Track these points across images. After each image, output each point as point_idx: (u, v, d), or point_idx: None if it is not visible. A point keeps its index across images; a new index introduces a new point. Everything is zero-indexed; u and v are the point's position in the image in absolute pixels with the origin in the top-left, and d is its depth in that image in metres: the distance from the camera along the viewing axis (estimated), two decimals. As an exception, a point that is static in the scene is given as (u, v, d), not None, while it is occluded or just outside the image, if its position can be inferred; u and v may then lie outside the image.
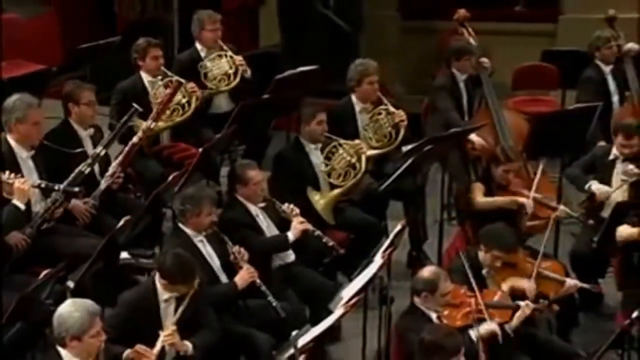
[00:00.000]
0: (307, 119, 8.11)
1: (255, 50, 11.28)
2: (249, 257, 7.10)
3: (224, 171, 8.51)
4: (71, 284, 6.41)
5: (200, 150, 7.80)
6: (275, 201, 7.56)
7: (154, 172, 8.28)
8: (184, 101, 8.50)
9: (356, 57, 9.04)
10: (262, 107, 8.57)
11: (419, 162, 8.06)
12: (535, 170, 8.10)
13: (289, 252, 7.51)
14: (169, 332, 6.29)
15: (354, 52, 10.72)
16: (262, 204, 7.52)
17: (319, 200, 8.01)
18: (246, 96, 8.73)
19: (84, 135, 7.75)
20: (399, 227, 7.15)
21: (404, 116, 8.54)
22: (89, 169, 7.46)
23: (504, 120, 9.11)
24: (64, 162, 7.46)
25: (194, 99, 8.53)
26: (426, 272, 6.70)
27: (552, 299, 7.17)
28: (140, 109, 7.93)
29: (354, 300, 6.53)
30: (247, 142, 8.77)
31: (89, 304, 5.78)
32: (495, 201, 7.79)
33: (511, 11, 11.95)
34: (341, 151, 8.15)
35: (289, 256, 7.51)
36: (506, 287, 7.10)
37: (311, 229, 7.48)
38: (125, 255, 7.16)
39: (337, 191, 8.10)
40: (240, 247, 7.09)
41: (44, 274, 6.39)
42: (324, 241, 7.50)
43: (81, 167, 7.40)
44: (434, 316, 6.64)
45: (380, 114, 8.56)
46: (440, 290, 6.59)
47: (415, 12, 12.07)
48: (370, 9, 11.80)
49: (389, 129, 8.53)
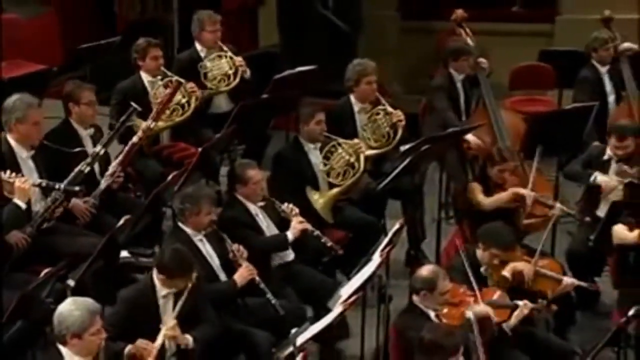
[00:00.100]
0: (306, 118, 8.13)
1: (254, 50, 11.31)
2: (248, 255, 7.10)
3: (224, 170, 8.53)
4: (71, 282, 6.42)
5: (199, 149, 7.80)
6: (274, 201, 7.57)
7: (153, 172, 8.29)
8: (184, 101, 8.51)
9: (355, 57, 9.05)
10: (261, 107, 8.57)
11: (417, 161, 8.06)
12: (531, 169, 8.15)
13: (288, 250, 7.52)
14: (170, 326, 6.32)
15: (353, 52, 10.74)
16: (261, 203, 7.53)
17: (318, 199, 8.03)
18: (245, 96, 8.74)
19: (84, 134, 7.76)
20: (397, 226, 7.17)
21: (402, 116, 8.55)
22: (88, 168, 7.47)
23: (501, 120, 9.10)
24: (64, 162, 7.48)
25: (193, 99, 8.54)
26: (425, 270, 6.71)
27: (551, 297, 7.19)
28: (138, 108, 7.93)
29: (353, 298, 6.55)
30: (247, 142, 8.76)
31: (89, 302, 5.80)
32: (499, 199, 7.79)
33: (508, 12, 11.99)
34: (340, 151, 8.16)
35: (289, 255, 7.53)
36: (508, 272, 7.13)
37: (310, 228, 7.49)
38: (125, 254, 7.20)
39: (336, 190, 8.11)
40: (239, 245, 7.11)
41: (45, 272, 6.41)
42: (323, 241, 7.51)
43: (81, 166, 7.42)
44: (432, 314, 6.65)
45: (378, 114, 8.56)
46: (439, 288, 6.60)
47: (414, 13, 12.10)
48: (369, 9, 11.82)
49: (387, 128, 8.53)
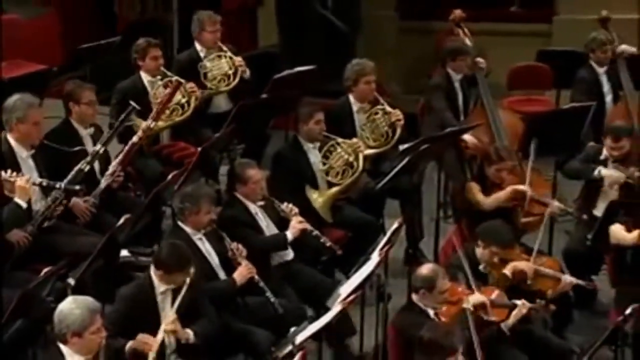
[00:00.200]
0: (305, 118, 8.14)
1: (254, 50, 11.30)
2: (247, 254, 7.11)
3: (223, 170, 8.54)
4: (72, 281, 6.44)
5: (199, 149, 7.82)
6: (274, 200, 7.58)
7: (153, 171, 8.30)
8: (184, 101, 8.51)
9: (354, 57, 9.06)
10: (260, 106, 8.58)
11: (416, 161, 8.08)
12: (532, 168, 8.14)
13: (287, 250, 7.53)
14: (170, 320, 6.34)
15: (352, 52, 10.75)
16: (261, 203, 7.54)
17: (317, 198, 8.04)
18: (245, 96, 8.75)
19: (84, 134, 7.77)
20: (395, 225, 7.19)
21: (401, 115, 8.55)
22: (88, 167, 7.48)
23: (499, 119, 9.13)
24: (64, 161, 7.49)
25: (193, 98, 8.53)
26: (424, 269, 6.73)
27: (550, 297, 7.22)
28: (137, 107, 7.94)
29: (352, 297, 6.56)
30: (246, 141, 8.77)
31: (89, 301, 5.80)
32: (498, 198, 7.82)
33: (507, 12, 12.00)
34: (339, 150, 8.17)
35: (288, 254, 7.54)
36: (508, 270, 7.16)
37: (309, 228, 7.50)
38: (125, 253, 7.21)
39: (335, 189, 8.13)
40: (238, 244, 7.12)
41: (45, 271, 6.42)
42: (322, 241, 7.52)
43: (81, 165, 7.43)
44: (431, 313, 6.67)
45: (377, 113, 8.57)
46: (438, 287, 6.62)
47: (412, 13, 12.10)
48: (368, 9, 11.83)
49: (386, 128, 8.54)
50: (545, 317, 7.35)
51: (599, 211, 7.87)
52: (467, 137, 8.82)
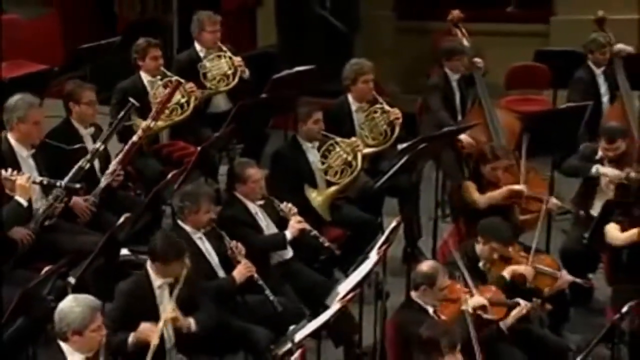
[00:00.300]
0: (304, 117, 8.16)
1: (253, 50, 11.30)
2: (247, 253, 7.12)
3: (223, 169, 8.57)
4: (72, 279, 6.47)
5: (199, 148, 7.84)
6: (273, 200, 7.60)
7: (153, 170, 8.32)
8: (183, 101, 8.52)
9: (352, 57, 9.07)
10: (259, 106, 8.60)
11: (414, 160, 8.09)
12: (528, 167, 8.15)
13: (286, 249, 7.56)
14: (170, 309, 6.37)
15: (350, 52, 10.77)
16: (260, 202, 7.55)
17: (316, 197, 8.06)
18: (244, 96, 8.76)
19: (84, 133, 7.80)
20: (394, 224, 7.21)
21: (399, 114, 8.58)
22: (88, 165, 7.49)
23: (496, 119, 9.15)
24: (64, 160, 7.51)
25: (192, 98, 8.54)
26: (425, 266, 6.77)
27: (547, 295, 7.25)
28: (136, 104, 7.95)
29: (350, 295, 6.59)
30: (245, 141, 8.79)
31: (89, 299, 5.82)
32: (494, 196, 7.85)
33: (504, 12, 12.02)
34: (338, 149, 8.18)
35: (287, 253, 7.56)
36: (507, 273, 7.19)
37: (308, 228, 7.52)
38: (125, 251, 7.18)
39: (334, 188, 8.14)
40: (237, 242, 7.14)
41: (46, 270, 6.44)
42: (321, 241, 7.54)
43: (81, 163, 7.45)
44: (431, 310, 6.69)
45: (375, 112, 8.60)
46: (438, 284, 6.65)
47: (410, 13, 12.12)
48: (366, 9, 11.84)
49: (384, 127, 8.57)
50: (542, 316, 7.38)
51: (596, 211, 7.89)
52: (462, 136, 8.84)
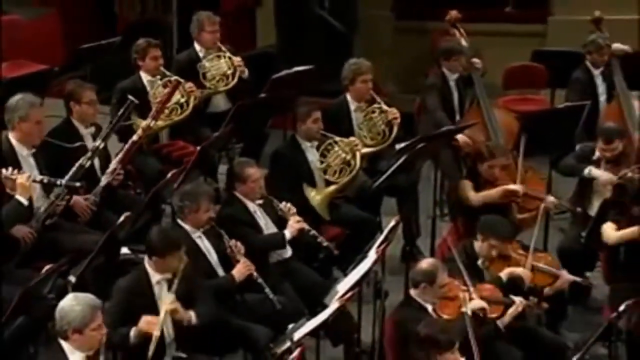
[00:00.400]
0: (303, 117, 8.18)
1: (252, 50, 11.32)
2: (246, 252, 7.14)
3: (222, 168, 8.59)
4: (73, 278, 6.48)
5: (198, 148, 7.86)
6: (272, 199, 7.62)
7: (153, 170, 8.34)
8: (183, 100, 8.53)
9: (351, 57, 9.08)
10: (258, 106, 8.63)
11: (412, 159, 8.14)
12: (525, 167, 8.18)
13: (285, 248, 7.58)
14: (170, 301, 6.40)
15: (349, 52, 10.78)
16: (259, 201, 7.57)
17: (315, 196, 8.08)
18: (243, 96, 8.79)
19: (85, 133, 7.81)
20: (392, 223, 7.24)
21: (397, 114, 8.60)
22: (89, 163, 7.51)
23: (494, 119, 9.18)
24: (64, 159, 7.53)
25: (192, 98, 8.56)
26: (425, 263, 6.80)
27: (547, 294, 7.28)
28: (135, 101, 7.96)
29: (349, 294, 6.61)
30: (245, 141, 8.81)
31: (90, 298, 5.84)
32: (488, 194, 7.86)
33: (502, 13, 12.03)
34: (336, 148, 8.20)
35: (286, 251, 7.58)
36: (504, 275, 7.22)
37: (307, 228, 7.54)
38: (125, 250, 7.19)
39: (333, 187, 8.16)
40: (236, 241, 7.16)
41: (46, 269, 6.45)
42: (319, 241, 7.56)
43: (81, 161, 7.47)
44: (429, 308, 6.72)
45: (374, 112, 8.62)
46: (438, 281, 6.68)
47: (408, 13, 12.14)
48: (364, 9, 11.86)
49: (383, 127, 8.58)
50: (539, 314, 7.42)
51: (594, 210, 7.92)
52: (458, 135, 8.84)
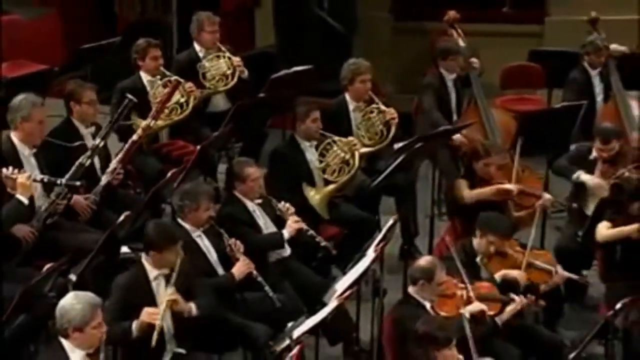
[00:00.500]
0: (302, 117, 8.20)
1: (251, 50, 11.33)
2: (245, 251, 7.16)
3: (222, 168, 8.61)
4: (73, 277, 6.51)
5: (198, 147, 7.89)
6: (271, 199, 7.65)
7: (153, 169, 8.37)
8: (182, 100, 8.56)
9: (349, 57, 9.10)
10: (258, 106, 8.65)
11: (410, 159, 8.16)
12: (522, 166, 8.21)
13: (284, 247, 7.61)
14: (170, 292, 6.43)
15: (348, 52, 10.79)
16: (258, 200, 7.60)
17: (314, 195, 8.10)
18: (243, 96, 8.82)
19: (85, 132, 7.84)
20: (391, 222, 7.26)
21: (395, 114, 8.62)
22: (88, 161, 7.54)
23: (492, 118, 9.21)
24: (65, 158, 7.56)
25: (192, 98, 8.58)
26: (423, 261, 6.84)
27: (543, 290, 7.31)
28: (134, 100, 7.99)
29: (348, 292, 6.64)
30: (244, 140, 8.83)
31: (90, 296, 5.85)
32: (481, 192, 7.89)
33: (499, 13, 12.06)
34: (335, 148, 8.23)
35: (285, 250, 7.60)
36: (499, 277, 7.25)
37: (305, 228, 7.56)
38: (125, 249, 7.22)
39: (332, 187, 8.19)
40: (236, 240, 7.18)
41: (47, 267, 6.47)
42: (317, 241, 7.58)
43: (81, 160, 7.49)
44: (428, 305, 6.75)
45: (372, 112, 8.64)
46: (436, 278, 6.71)
47: (407, 14, 12.16)
48: (363, 10, 11.87)
49: (381, 127, 8.60)
50: (536, 311, 7.46)
51: (590, 210, 7.95)
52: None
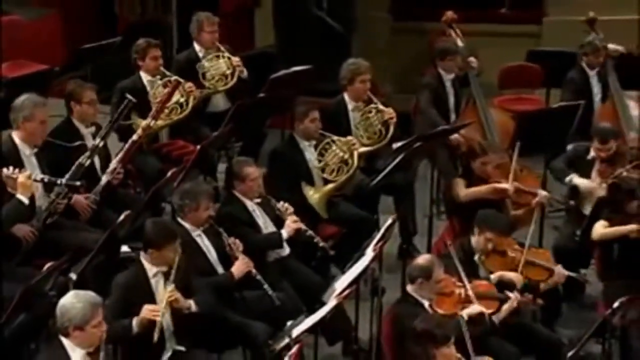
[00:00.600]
0: (301, 116, 8.23)
1: (251, 50, 11.34)
2: (244, 250, 7.19)
3: (221, 167, 8.61)
4: (74, 276, 6.53)
5: (198, 147, 7.91)
6: (270, 198, 7.67)
7: (153, 169, 8.39)
8: (182, 100, 8.58)
9: (349, 57, 9.13)
10: (257, 106, 8.67)
11: (409, 158, 8.18)
12: (521, 166, 8.22)
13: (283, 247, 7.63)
14: (170, 289, 6.45)
15: (347, 52, 10.82)
16: (258, 200, 7.62)
17: (313, 194, 8.12)
18: (242, 95, 8.84)
19: (85, 132, 7.86)
20: (389, 221, 7.29)
21: (393, 114, 8.64)
22: (89, 161, 7.56)
23: (490, 118, 9.25)
24: (66, 158, 7.57)
25: (191, 98, 8.60)
26: (421, 259, 6.87)
27: (542, 289, 7.34)
28: (133, 100, 8.00)
29: (347, 291, 6.66)
30: (244, 140, 8.84)
31: (90, 295, 5.86)
32: (477, 191, 7.92)
33: (497, 13, 12.09)
34: (334, 147, 8.25)
35: (284, 250, 7.62)
36: (495, 279, 7.27)
37: (303, 228, 7.59)
38: (125, 248, 7.22)
39: (331, 186, 8.21)
40: (235, 238, 7.20)
41: (47, 266, 6.49)
42: (315, 241, 7.60)
43: (81, 160, 7.51)
44: (426, 304, 6.78)
45: (370, 112, 8.66)
46: (434, 276, 6.74)
47: (405, 14, 12.18)
48: (362, 10, 11.89)
49: (379, 126, 8.62)
50: (534, 310, 7.48)
51: (588, 209, 7.98)
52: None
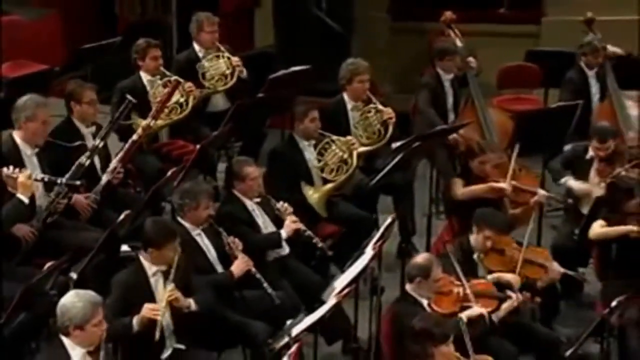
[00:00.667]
0: (301, 116, 8.24)
1: (250, 50, 11.34)
2: (244, 249, 7.20)
3: (221, 167, 8.62)
4: (74, 275, 6.55)
5: (197, 147, 7.92)
6: (270, 198, 7.69)
7: (153, 168, 8.41)
8: (182, 100, 8.59)
9: (348, 57, 9.13)
10: (257, 105, 8.69)
11: (408, 158, 8.20)
12: (519, 165, 8.24)
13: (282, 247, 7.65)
14: (170, 289, 6.47)
15: (346, 52, 10.84)
16: (257, 200, 7.64)
17: (312, 194, 8.14)
18: (242, 95, 8.86)
19: (85, 132, 7.87)
20: (389, 221, 7.31)
21: (392, 114, 8.65)
22: (89, 161, 7.57)
23: (489, 118, 9.27)
24: (66, 158, 7.59)
25: (191, 98, 8.62)
26: (420, 258, 6.89)
27: (540, 286, 7.35)
28: (133, 100, 8.01)
29: (346, 290, 6.67)
30: (243, 139, 8.86)
31: (91, 294, 5.87)
32: (474, 189, 7.94)
33: (496, 13, 12.11)
34: (333, 147, 8.27)
35: (284, 249, 7.63)
36: (492, 280, 7.28)
37: (303, 228, 7.60)
38: (125, 248, 7.22)
39: (330, 185, 8.23)
40: (234, 238, 7.21)
41: (48, 266, 6.50)
42: (314, 242, 7.61)
43: (81, 160, 7.53)
44: (425, 303, 6.80)
45: (369, 111, 8.67)
46: (433, 275, 6.76)
47: (405, 14, 12.20)
48: (361, 10, 11.92)
49: (378, 126, 8.64)
50: (533, 309, 7.50)
51: (586, 209, 8.00)
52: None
